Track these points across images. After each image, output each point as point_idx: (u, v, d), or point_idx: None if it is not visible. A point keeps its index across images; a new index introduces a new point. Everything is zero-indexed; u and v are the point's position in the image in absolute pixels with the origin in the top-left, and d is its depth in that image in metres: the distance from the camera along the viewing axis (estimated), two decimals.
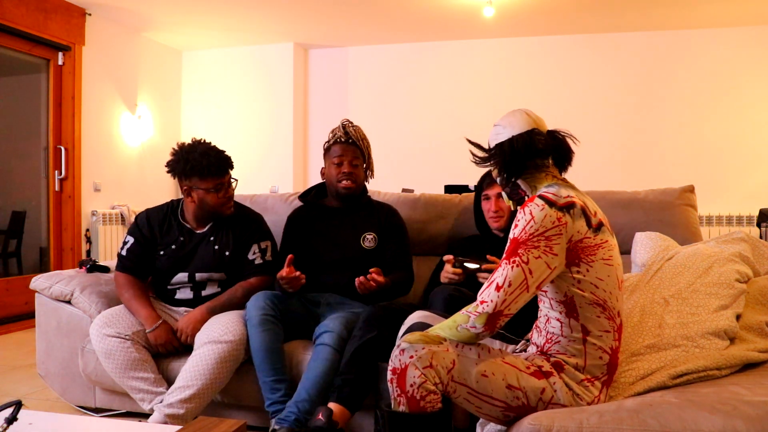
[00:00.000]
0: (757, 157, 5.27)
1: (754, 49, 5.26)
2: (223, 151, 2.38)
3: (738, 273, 1.88)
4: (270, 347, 2.12)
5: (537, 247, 1.40)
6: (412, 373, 1.38)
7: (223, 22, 5.39)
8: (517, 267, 1.39)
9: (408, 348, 1.41)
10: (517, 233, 1.43)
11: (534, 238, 1.41)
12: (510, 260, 1.41)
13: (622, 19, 5.20)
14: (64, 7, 4.72)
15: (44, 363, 2.55)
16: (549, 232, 1.41)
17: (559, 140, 1.59)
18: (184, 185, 2.35)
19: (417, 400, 1.38)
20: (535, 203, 1.44)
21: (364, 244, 2.42)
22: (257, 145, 6.08)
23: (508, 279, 1.39)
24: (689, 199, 2.60)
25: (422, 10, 5.03)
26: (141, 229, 2.41)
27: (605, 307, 1.47)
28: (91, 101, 5.04)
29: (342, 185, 2.42)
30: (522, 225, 1.43)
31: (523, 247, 1.41)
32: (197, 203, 2.36)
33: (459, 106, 5.83)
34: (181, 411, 2.06)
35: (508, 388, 1.41)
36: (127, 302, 2.32)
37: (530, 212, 1.43)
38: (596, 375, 1.48)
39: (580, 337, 1.47)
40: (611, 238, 1.51)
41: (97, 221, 5.03)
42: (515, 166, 1.55)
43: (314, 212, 2.52)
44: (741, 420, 1.24)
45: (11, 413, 1.17)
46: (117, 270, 2.41)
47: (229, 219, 2.43)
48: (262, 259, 2.41)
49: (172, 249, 2.38)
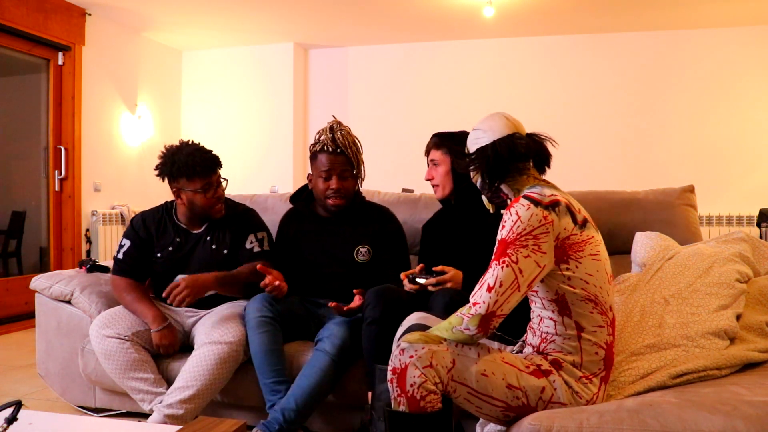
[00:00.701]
0: (757, 157, 5.27)
1: (754, 49, 5.26)
2: (209, 151, 2.32)
3: (738, 273, 1.89)
4: (269, 349, 2.11)
5: (525, 246, 1.41)
6: (412, 372, 1.38)
7: (223, 22, 5.39)
8: (507, 267, 1.40)
9: (408, 348, 1.41)
10: (505, 234, 1.44)
11: (522, 237, 1.42)
12: (500, 261, 1.42)
13: (622, 19, 5.20)
14: (64, 7, 4.72)
15: (44, 363, 2.55)
16: (536, 230, 1.42)
17: (539, 143, 1.61)
18: (173, 187, 2.33)
19: (417, 400, 1.38)
20: (520, 203, 1.45)
21: (357, 258, 2.33)
22: (257, 145, 6.08)
23: (499, 279, 1.40)
24: (689, 199, 2.60)
25: (422, 10, 5.03)
26: (137, 232, 2.38)
27: (597, 302, 1.48)
28: (91, 101, 5.04)
29: (330, 202, 2.31)
30: (509, 225, 1.44)
31: (511, 247, 1.42)
32: (187, 205, 2.32)
33: (459, 106, 5.83)
34: (180, 411, 2.06)
35: (508, 387, 1.41)
36: (130, 305, 2.30)
37: (516, 212, 1.44)
38: (593, 371, 1.48)
39: (575, 333, 1.48)
40: (597, 234, 1.54)
41: (97, 221, 5.03)
42: (498, 170, 1.57)
43: (305, 218, 2.43)
44: (741, 420, 1.24)
45: (11, 413, 1.17)
46: (114, 274, 2.38)
47: (224, 217, 2.40)
48: (260, 247, 2.38)
49: (169, 251, 2.37)
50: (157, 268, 2.38)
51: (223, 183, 2.36)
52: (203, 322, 2.28)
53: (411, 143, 5.92)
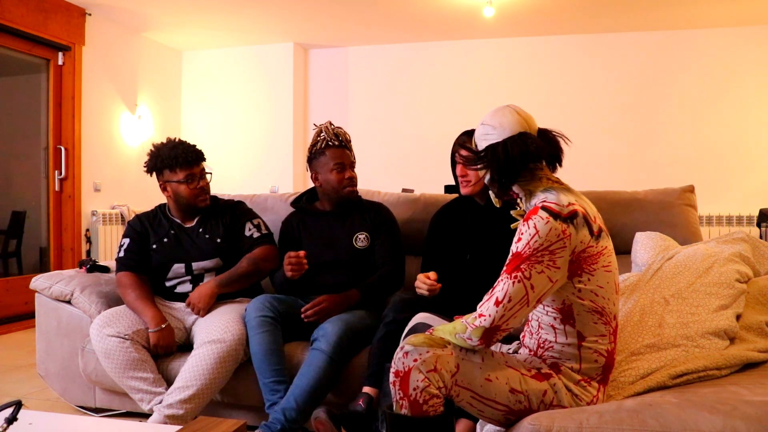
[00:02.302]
0: (757, 157, 5.27)
1: (754, 49, 5.26)
2: (193, 145, 2.44)
3: (738, 273, 1.89)
4: (269, 349, 2.12)
5: (540, 262, 1.37)
6: (415, 376, 1.35)
7: (223, 22, 5.39)
8: (518, 282, 1.36)
9: (412, 351, 1.38)
10: (521, 247, 1.39)
11: (538, 253, 1.37)
12: (511, 275, 1.38)
13: (622, 19, 5.20)
14: (64, 7, 4.72)
15: (44, 363, 2.55)
16: (553, 246, 1.37)
17: (552, 142, 1.55)
18: (160, 182, 2.44)
19: (420, 404, 1.35)
20: (539, 216, 1.39)
21: (356, 245, 2.41)
22: (257, 145, 6.08)
23: (508, 294, 1.36)
24: (689, 199, 2.60)
25: (422, 10, 5.03)
26: (134, 228, 2.48)
27: (603, 313, 1.46)
28: (91, 101, 5.04)
29: (347, 191, 2.41)
30: (526, 239, 1.39)
31: (526, 262, 1.37)
32: (173, 197, 2.43)
33: (459, 106, 5.83)
34: (180, 411, 2.06)
35: (511, 392, 1.40)
36: (131, 302, 2.32)
37: (534, 226, 1.38)
38: (592, 376, 1.47)
39: (575, 342, 1.45)
40: (609, 243, 1.49)
41: (97, 221, 5.03)
42: (509, 171, 1.50)
43: (307, 217, 2.52)
44: (741, 420, 1.24)
45: (11, 413, 1.17)
46: (118, 271, 2.43)
47: (215, 210, 2.50)
48: (259, 232, 2.46)
49: (164, 242, 2.44)
50: (153, 260, 2.43)
51: (207, 176, 2.46)
52: (203, 320, 2.29)
53: (411, 143, 5.94)
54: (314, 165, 2.43)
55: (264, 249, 2.42)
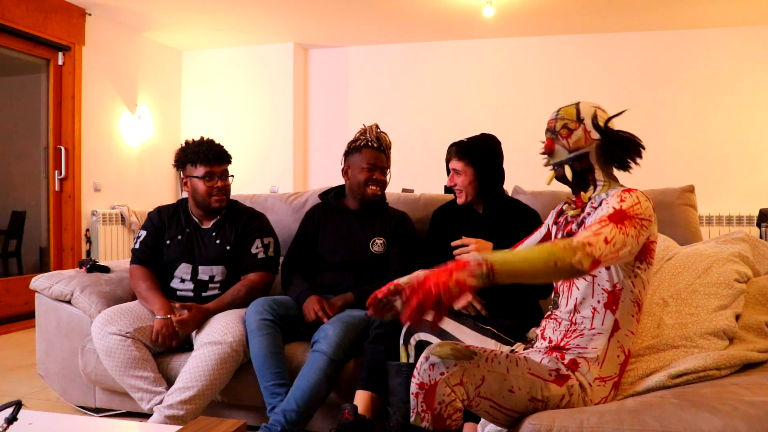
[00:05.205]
0: (757, 157, 5.27)
1: (755, 49, 5.26)
2: (221, 145, 2.46)
3: (737, 273, 1.89)
4: (269, 352, 2.11)
5: (635, 227, 1.43)
6: (442, 390, 1.32)
7: (223, 22, 5.39)
8: (620, 234, 1.40)
9: (438, 364, 1.33)
10: (625, 207, 1.45)
11: (637, 218, 1.44)
12: (617, 224, 1.41)
13: (622, 19, 5.20)
14: (64, 7, 4.72)
15: (44, 363, 2.55)
16: (645, 221, 1.46)
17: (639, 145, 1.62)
18: (182, 176, 2.46)
19: (444, 419, 1.33)
20: (640, 192, 1.50)
21: (372, 249, 2.42)
22: (257, 145, 6.08)
23: (615, 238, 1.38)
24: (689, 199, 2.60)
25: (422, 10, 5.03)
26: (152, 221, 2.51)
27: (640, 308, 1.52)
28: (91, 101, 5.04)
29: (370, 190, 2.43)
30: (630, 203, 1.46)
31: (629, 219, 1.43)
32: (191, 193, 2.44)
33: (459, 106, 5.83)
34: (181, 412, 2.06)
35: (530, 400, 1.39)
36: (142, 292, 2.36)
37: (637, 197, 1.48)
38: (609, 374, 1.49)
39: (609, 330, 1.49)
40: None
41: (97, 221, 5.03)
42: (612, 154, 1.59)
43: (331, 211, 2.54)
44: (741, 420, 1.24)
45: (11, 413, 1.17)
46: (132, 263, 2.47)
47: (234, 216, 2.49)
48: (264, 254, 2.45)
49: (178, 239, 2.45)
50: (165, 255, 2.45)
51: (229, 178, 2.47)
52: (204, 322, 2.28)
53: (411, 143, 5.93)
54: (348, 159, 2.48)
55: (261, 275, 2.41)
